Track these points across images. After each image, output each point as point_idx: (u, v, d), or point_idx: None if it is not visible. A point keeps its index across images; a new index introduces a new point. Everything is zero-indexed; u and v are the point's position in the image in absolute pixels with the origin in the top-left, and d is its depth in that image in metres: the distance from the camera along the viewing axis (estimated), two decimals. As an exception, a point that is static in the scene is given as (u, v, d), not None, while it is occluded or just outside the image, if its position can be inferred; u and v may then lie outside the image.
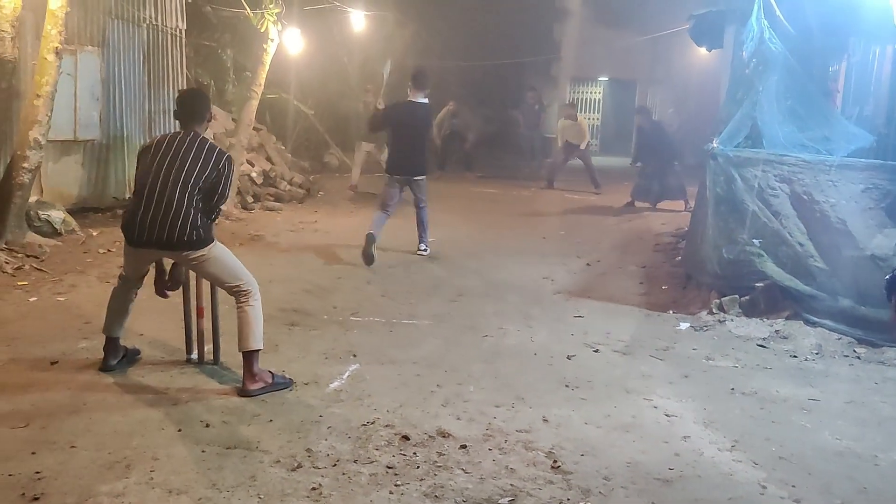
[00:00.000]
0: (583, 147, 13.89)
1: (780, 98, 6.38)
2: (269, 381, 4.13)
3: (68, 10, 6.86)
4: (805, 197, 5.81)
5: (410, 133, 7.66)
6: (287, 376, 4.26)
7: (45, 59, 6.76)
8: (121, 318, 4.39)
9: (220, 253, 4.21)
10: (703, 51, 12.96)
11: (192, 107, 4.36)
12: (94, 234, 7.88)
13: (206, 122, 4.41)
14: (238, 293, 4.20)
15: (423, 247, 7.95)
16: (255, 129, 11.53)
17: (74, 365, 4.41)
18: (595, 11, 19.88)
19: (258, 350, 4.15)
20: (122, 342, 4.44)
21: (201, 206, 4.15)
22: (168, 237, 4.05)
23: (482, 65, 18.10)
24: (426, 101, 7.73)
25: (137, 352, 4.53)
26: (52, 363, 4.42)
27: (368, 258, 7.29)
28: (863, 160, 5.99)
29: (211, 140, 4.33)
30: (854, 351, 5.28)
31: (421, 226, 7.93)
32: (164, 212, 4.04)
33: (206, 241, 4.13)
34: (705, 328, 5.67)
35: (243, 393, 4.05)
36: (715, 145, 6.08)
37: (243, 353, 4.13)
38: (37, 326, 5.10)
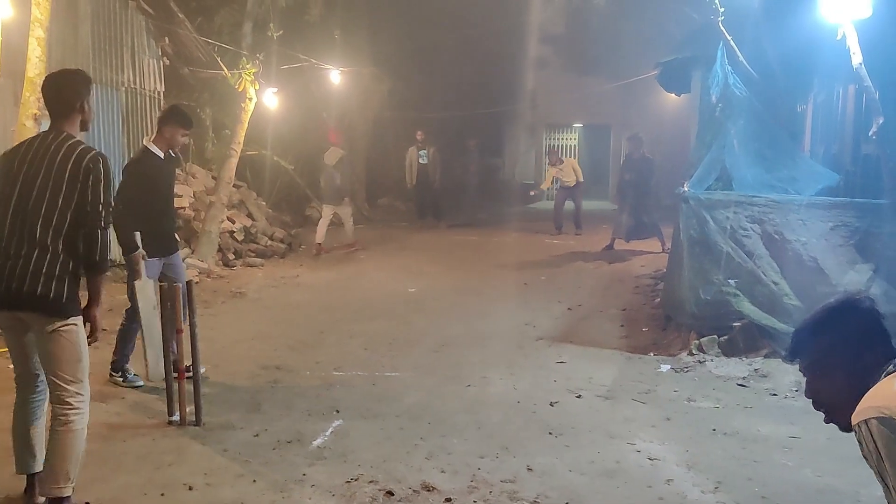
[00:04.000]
0: (577, 182, 13.95)
1: (748, 140, 6.56)
2: None
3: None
4: (776, 236, 5.94)
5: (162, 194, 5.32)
6: None
7: (24, 125, 6.82)
8: (30, 447, 3.33)
9: (80, 337, 3.21)
10: (673, 95, 13.26)
11: (55, 94, 3.29)
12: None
13: (79, 114, 3.30)
14: (67, 400, 3.17)
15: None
16: (235, 186, 11.62)
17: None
18: (568, 60, 20.32)
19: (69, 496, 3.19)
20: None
21: (71, 249, 3.15)
22: (13, 290, 3.08)
23: (460, 115, 18.36)
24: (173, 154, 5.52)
25: None
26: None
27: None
28: (830, 199, 6.15)
29: (83, 143, 3.26)
30: (833, 387, 5.33)
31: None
32: (14, 255, 3.11)
33: (70, 308, 3.16)
34: (686, 369, 5.72)
35: None
36: (686, 189, 6.21)
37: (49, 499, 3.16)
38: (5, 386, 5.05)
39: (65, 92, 3.29)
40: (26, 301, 3.09)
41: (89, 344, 3.28)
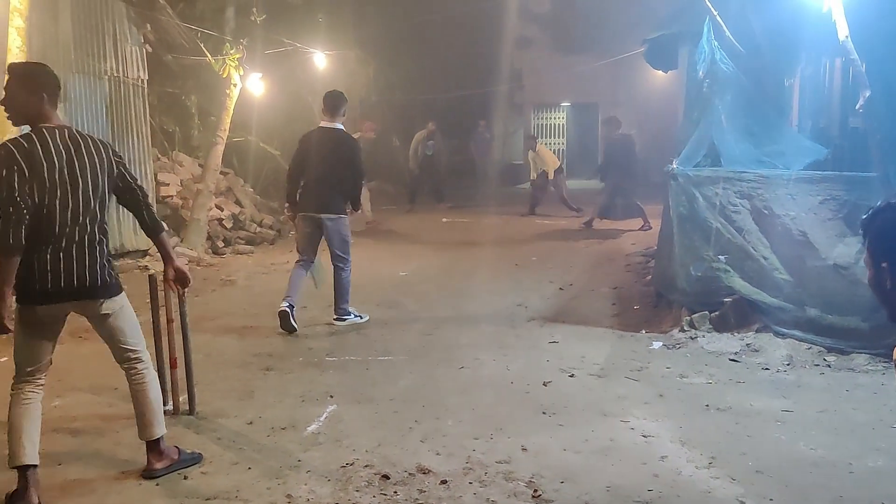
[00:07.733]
0: (550, 175, 14.00)
1: (735, 116, 6.54)
2: (176, 457, 3.73)
3: (27, 67, 6.86)
4: (766, 211, 5.94)
5: (322, 163, 6.46)
6: (196, 452, 3.87)
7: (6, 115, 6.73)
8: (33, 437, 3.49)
9: (128, 304, 3.68)
10: (660, 72, 13.22)
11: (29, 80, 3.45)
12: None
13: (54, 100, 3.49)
14: (136, 360, 3.67)
15: (344, 314, 6.59)
16: (222, 173, 11.54)
17: (47, 425, 4.35)
18: (553, 39, 20.26)
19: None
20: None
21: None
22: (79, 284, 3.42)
23: (446, 97, 18.29)
24: (341, 127, 6.62)
25: None
26: (25, 424, 4.35)
27: (289, 328, 6.29)
28: (819, 172, 6.14)
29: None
30: (824, 359, 5.37)
31: (338, 290, 6.61)
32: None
33: (117, 286, 3.60)
34: (678, 346, 5.74)
35: (148, 474, 3.64)
36: (674, 166, 6.20)
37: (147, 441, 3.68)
38: (3, 389, 5.02)
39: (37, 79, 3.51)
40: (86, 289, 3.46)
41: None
